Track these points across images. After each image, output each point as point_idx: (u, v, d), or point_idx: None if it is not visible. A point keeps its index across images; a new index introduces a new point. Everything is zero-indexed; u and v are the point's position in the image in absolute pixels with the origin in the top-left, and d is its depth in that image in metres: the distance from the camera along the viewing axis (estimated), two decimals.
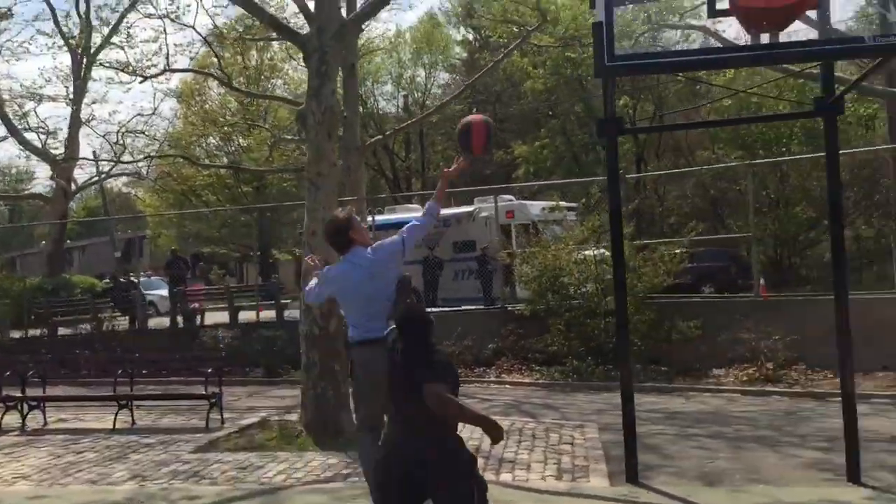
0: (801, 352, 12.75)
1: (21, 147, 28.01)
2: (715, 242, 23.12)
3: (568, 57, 27.45)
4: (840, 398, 11.26)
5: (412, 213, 23.15)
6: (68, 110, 27.45)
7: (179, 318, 18.26)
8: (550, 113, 32.35)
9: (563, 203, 16.63)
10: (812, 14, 5.38)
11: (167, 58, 20.69)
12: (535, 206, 19.45)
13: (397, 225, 22.22)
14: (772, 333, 12.82)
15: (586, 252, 14.13)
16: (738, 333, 13.16)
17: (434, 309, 17.60)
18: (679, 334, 13.39)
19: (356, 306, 5.12)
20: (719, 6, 4.83)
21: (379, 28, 32.81)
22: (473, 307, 16.95)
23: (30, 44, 60.14)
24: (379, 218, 20.21)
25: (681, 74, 10.38)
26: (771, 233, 23.99)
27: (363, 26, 14.22)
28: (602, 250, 14.23)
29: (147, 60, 23.69)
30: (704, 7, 16.25)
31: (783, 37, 5.16)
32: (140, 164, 27.96)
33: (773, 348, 12.75)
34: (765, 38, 4.98)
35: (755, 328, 13.12)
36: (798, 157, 22.36)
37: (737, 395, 11.89)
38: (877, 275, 23.55)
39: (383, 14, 38.98)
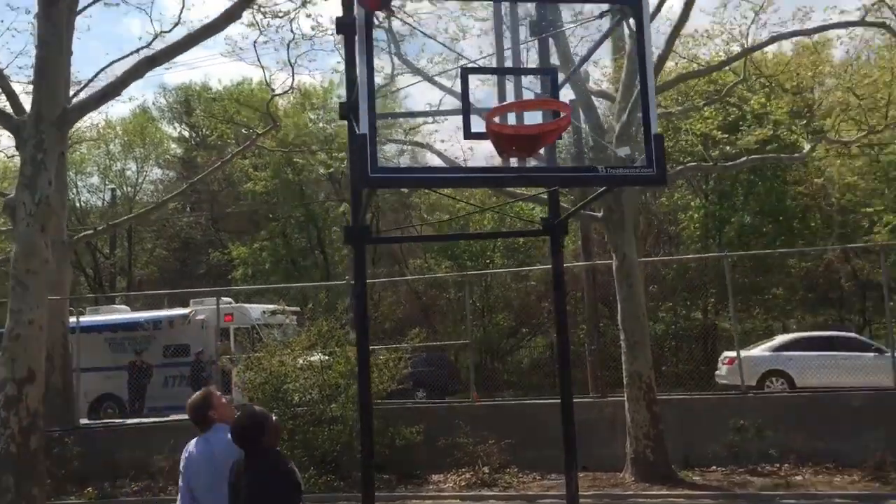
0: (513, 455, 13.44)
1: None
2: (428, 348, 24.01)
3: (290, 161, 27.74)
4: (551, 499, 12.08)
5: (117, 314, 21.55)
6: None
7: None
8: (270, 215, 32.21)
9: (288, 307, 16.40)
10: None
11: None
12: (256, 310, 18.99)
13: (103, 327, 20.34)
14: (487, 437, 13.38)
15: (312, 358, 13.94)
16: (456, 438, 13.57)
17: (143, 420, 16.30)
18: (403, 440, 13.53)
19: (204, 483, 4.96)
20: (475, 130, 5.12)
21: (91, 117, 30.85)
22: (186, 416, 15.89)
23: None
24: (84, 319, 18.50)
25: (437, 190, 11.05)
26: (477, 339, 25.43)
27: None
28: (328, 357, 14.13)
29: None
30: (423, 126, 17.15)
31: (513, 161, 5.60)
32: None
33: (488, 452, 13.29)
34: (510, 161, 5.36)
35: (472, 432, 13.63)
36: (525, 269, 24.15)
37: (456, 501, 12.16)
38: None
39: None
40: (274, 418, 4.11)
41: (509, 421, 14.09)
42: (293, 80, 15.40)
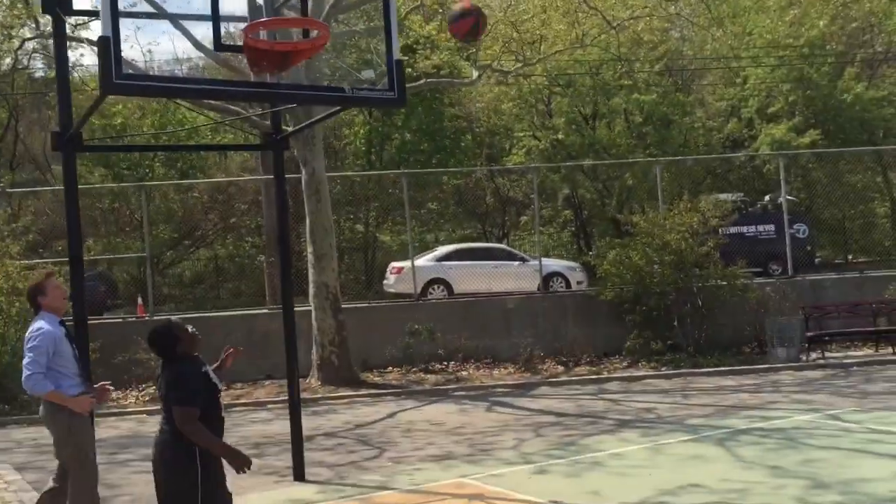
0: None
1: None
2: (88, 262, 22.44)
3: None
4: (242, 407, 12.35)
5: None
6: None
7: None
8: None
9: None
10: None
11: None
12: None
13: None
14: None
15: None
16: (135, 354, 13.13)
17: None
18: None
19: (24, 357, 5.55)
20: (228, 42, 5.02)
21: None
22: None
23: None
24: None
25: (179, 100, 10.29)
26: (138, 251, 24.31)
27: None
28: None
29: None
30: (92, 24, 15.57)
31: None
32: None
33: None
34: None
35: (150, 348, 13.26)
36: (227, 179, 23.16)
37: (144, 416, 11.87)
38: (231, 292, 25.81)
39: None
40: (190, 329, 4.33)
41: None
42: None
